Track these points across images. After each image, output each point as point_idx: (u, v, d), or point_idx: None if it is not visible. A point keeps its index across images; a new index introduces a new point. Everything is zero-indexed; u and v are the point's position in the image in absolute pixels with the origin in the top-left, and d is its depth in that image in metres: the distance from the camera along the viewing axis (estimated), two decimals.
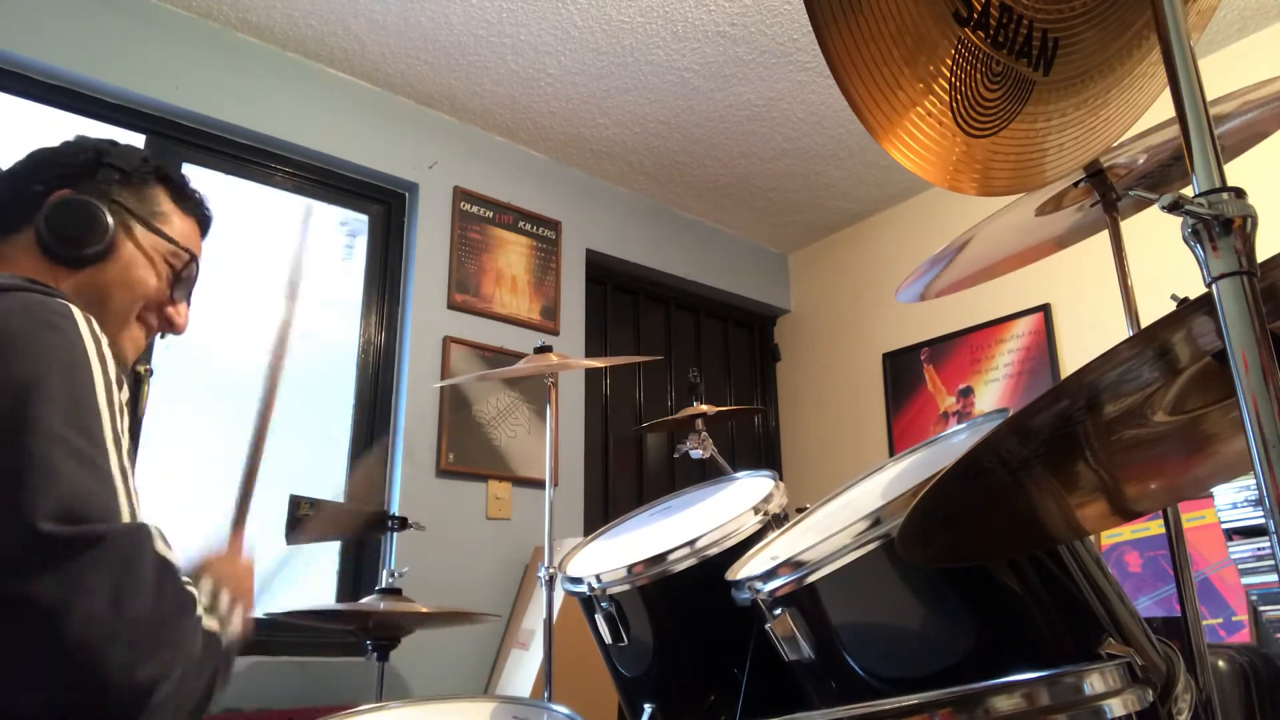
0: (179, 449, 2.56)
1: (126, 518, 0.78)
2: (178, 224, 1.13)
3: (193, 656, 0.78)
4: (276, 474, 2.92)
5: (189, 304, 1.16)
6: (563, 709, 1.41)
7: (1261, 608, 2.11)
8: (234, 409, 2.72)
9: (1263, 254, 0.67)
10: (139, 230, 1.07)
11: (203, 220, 1.18)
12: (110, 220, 1.04)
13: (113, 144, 1.11)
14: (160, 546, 0.79)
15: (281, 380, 1.22)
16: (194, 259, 1.13)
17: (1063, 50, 0.91)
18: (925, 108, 0.87)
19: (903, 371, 3.78)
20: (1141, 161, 1.41)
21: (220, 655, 0.84)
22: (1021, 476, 0.84)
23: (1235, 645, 2.05)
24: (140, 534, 0.77)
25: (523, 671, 2.64)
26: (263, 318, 2.87)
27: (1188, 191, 0.68)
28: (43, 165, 1.06)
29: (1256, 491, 1.55)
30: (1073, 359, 3.25)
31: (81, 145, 1.09)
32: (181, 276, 1.12)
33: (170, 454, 2.50)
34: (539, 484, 3.15)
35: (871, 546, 0.95)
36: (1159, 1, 0.72)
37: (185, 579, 0.82)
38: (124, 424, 0.85)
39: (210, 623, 0.84)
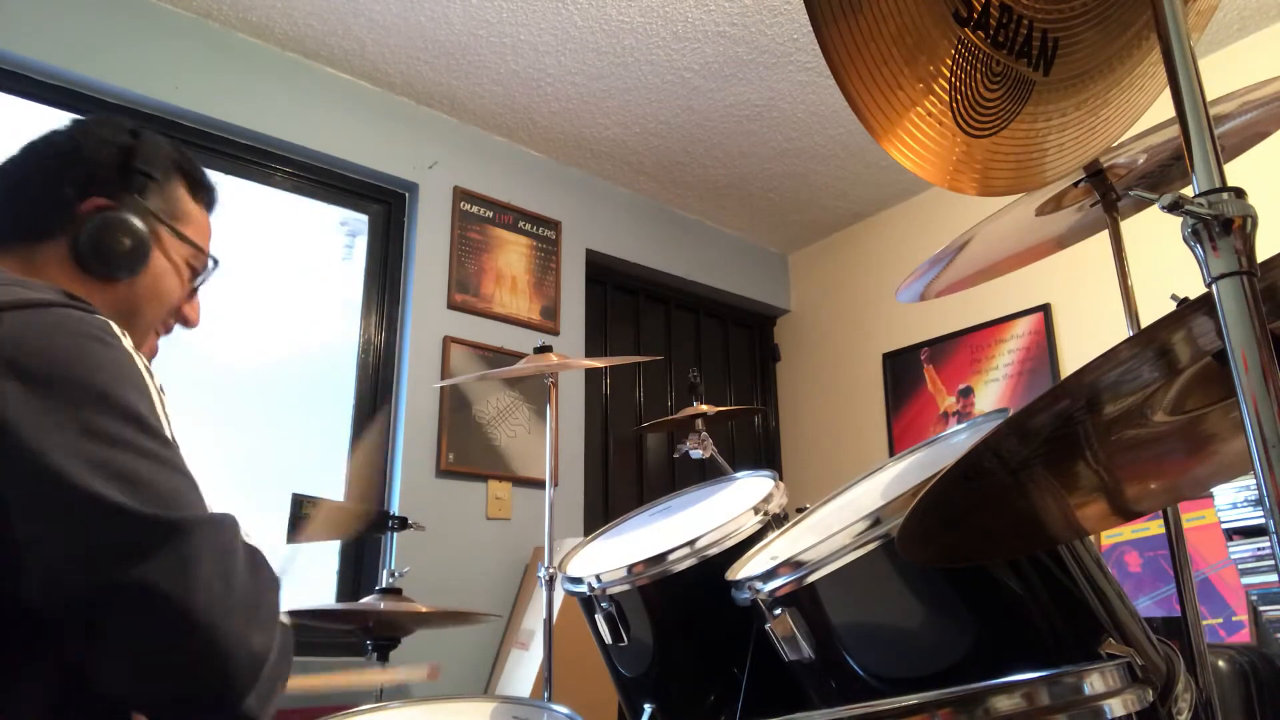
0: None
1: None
2: (196, 218, 1.10)
3: (286, 632, 0.84)
4: (277, 474, 2.94)
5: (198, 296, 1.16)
6: (563, 709, 1.41)
7: (1261, 608, 2.11)
8: (233, 408, 2.72)
9: (1263, 254, 0.67)
10: (166, 238, 1.05)
11: (213, 205, 1.16)
12: (150, 241, 1.02)
13: (135, 137, 1.06)
14: (245, 532, 0.83)
15: None
16: (215, 261, 1.12)
17: (1063, 50, 0.91)
18: (925, 108, 0.87)
19: (903, 371, 3.78)
20: (1141, 161, 1.41)
21: (292, 644, 0.87)
22: (1021, 476, 0.84)
23: (1235, 645, 2.05)
24: (231, 519, 0.82)
25: (523, 671, 2.64)
26: (262, 318, 2.87)
27: (1188, 191, 0.68)
28: (69, 164, 1.02)
29: (1256, 491, 1.55)
30: (1073, 359, 3.25)
31: (104, 139, 1.04)
32: (199, 275, 1.11)
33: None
34: (539, 484, 3.15)
35: (871, 546, 0.95)
36: (1159, 1, 0.72)
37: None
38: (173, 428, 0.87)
39: (284, 618, 0.87)
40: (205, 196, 1.13)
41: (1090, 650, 0.92)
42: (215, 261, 1.11)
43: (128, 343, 0.87)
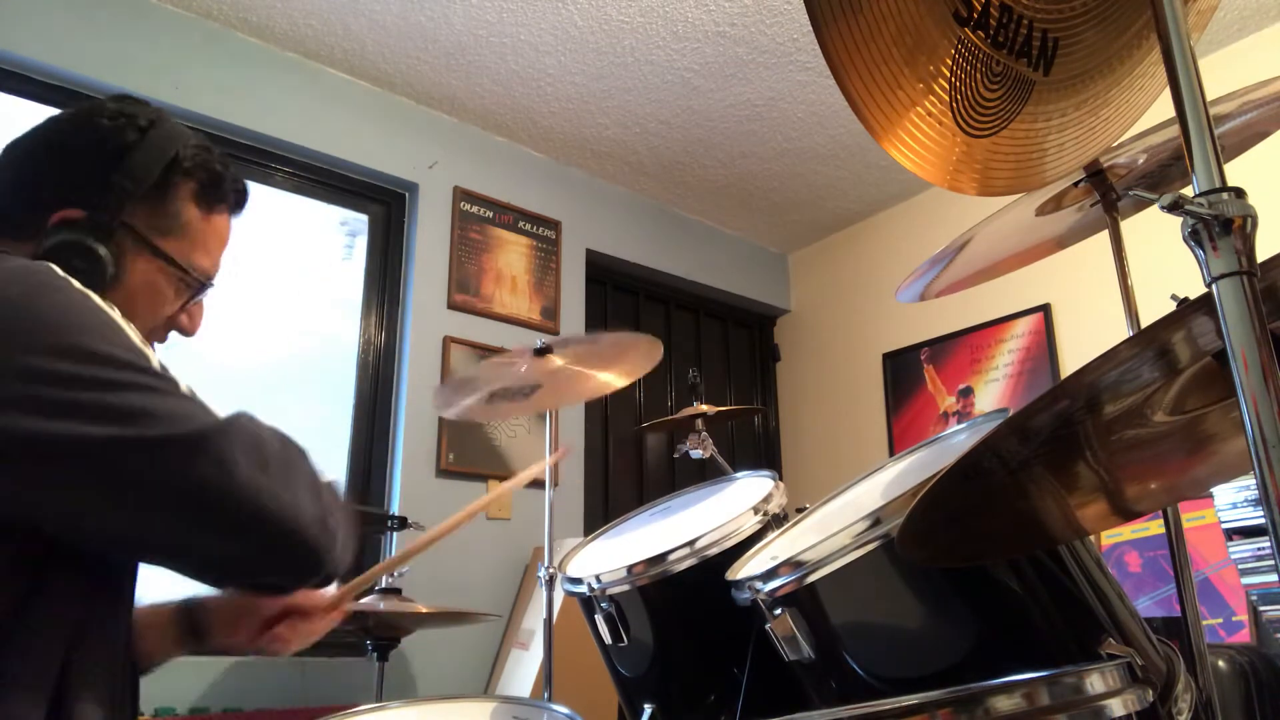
0: None
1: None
2: (196, 228, 1.01)
3: (330, 492, 0.89)
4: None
5: (202, 304, 1.10)
6: (563, 709, 1.41)
7: (1261, 608, 2.11)
8: (233, 408, 2.72)
9: (1263, 254, 0.67)
10: (145, 254, 0.97)
11: (237, 205, 1.08)
12: (110, 264, 0.93)
13: (143, 133, 0.97)
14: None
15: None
16: (204, 285, 1.04)
17: (1063, 50, 0.91)
18: (925, 108, 0.87)
19: (903, 371, 3.78)
20: (1141, 161, 1.41)
21: (342, 498, 0.93)
22: (1021, 476, 0.84)
23: (1235, 645, 2.04)
24: (244, 415, 0.86)
25: (523, 671, 2.64)
26: (262, 318, 2.87)
27: (1188, 191, 0.68)
28: (55, 162, 0.96)
29: (1256, 491, 1.55)
30: (1073, 359, 3.25)
31: (101, 137, 0.96)
32: (193, 288, 1.03)
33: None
34: (539, 484, 3.15)
35: (871, 546, 0.95)
36: (1159, 1, 0.72)
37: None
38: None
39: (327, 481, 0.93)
40: (220, 201, 1.04)
41: (1090, 650, 0.92)
42: (202, 283, 1.03)
43: (78, 283, 0.84)
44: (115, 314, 0.84)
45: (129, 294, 0.96)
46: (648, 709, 1.35)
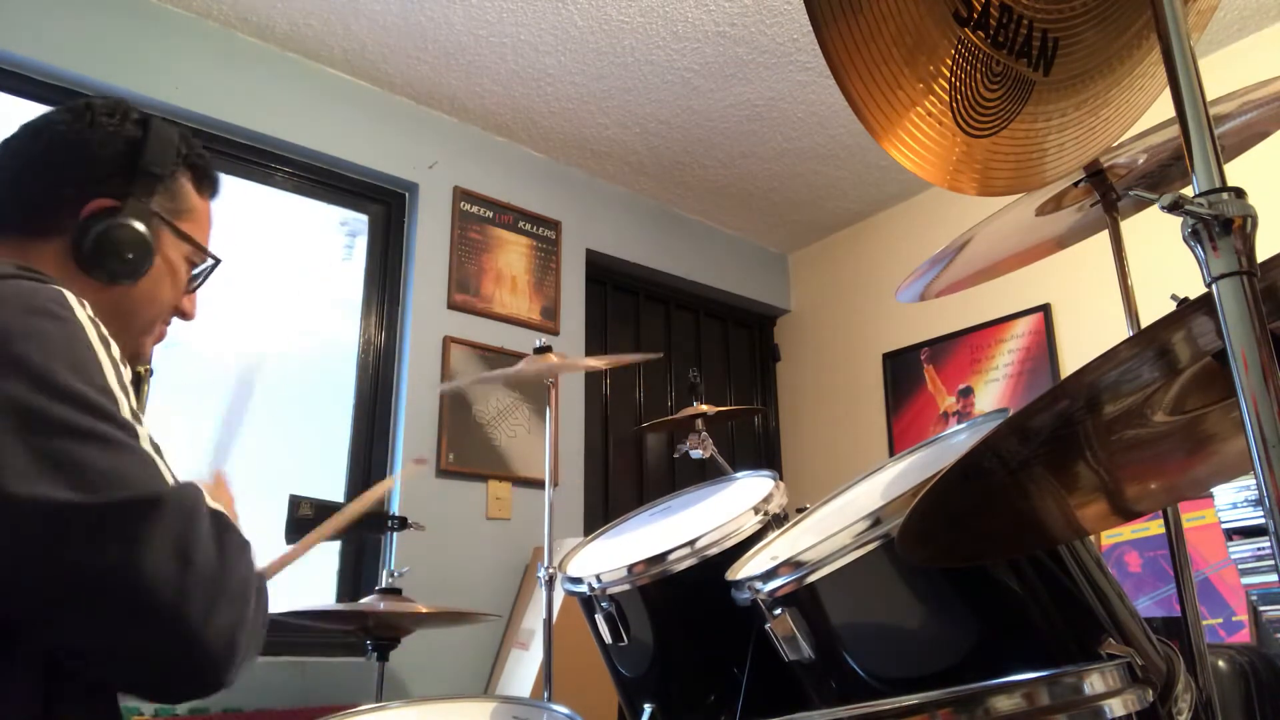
0: (177, 449, 2.56)
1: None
2: (200, 211, 1.08)
3: (257, 596, 0.81)
4: (277, 474, 2.94)
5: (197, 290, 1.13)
6: (563, 709, 1.41)
7: (1261, 608, 2.11)
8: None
9: (1263, 254, 0.67)
10: (168, 238, 1.02)
11: (216, 194, 1.13)
12: (153, 247, 0.99)
13: (144, 128, 1.02)
14: (209, 500, 0.80)
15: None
16: (217, 262, 1.09)
17: (1063, 50, 0.91)
18: (925, 108, 0.87)
19: (903, 371, 3.78)
20: (1141, 161, 1.41)
21: (268, 602, 0.86)
22: (1021, 476, 0.84)
23: (1235, 645, 2.04)
24: (193, 490, 0.78)
25: (523, 671, 2.64)
26: (262, 318, 2.87)
27: (1188, 191, 0.68)
28: (73, 161, 0.98)
29: (1256, 491, 1.55)
30: (1073, 359, 3.25)
31: (110, 134, 1.00)
32: (198, 272, 1.08)
33: (168, 453, 2.50)
34: (539, 484, 3.15)
35: (871, 546, 0.95)
36: (1159, 1, 0.72)
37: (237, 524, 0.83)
38: (136, 402, 0.84)
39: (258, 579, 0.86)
40: (211, 187, 1.10)
41: (1090, 650, 0.92)
42: (216, 260, 1.09)
43: (84, 313, 0.84)
44: (106, 352, 0.82)
45: (153, 281, 1.01)
46: (648, 709, 1.35)
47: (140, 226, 0.98)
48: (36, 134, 0.99)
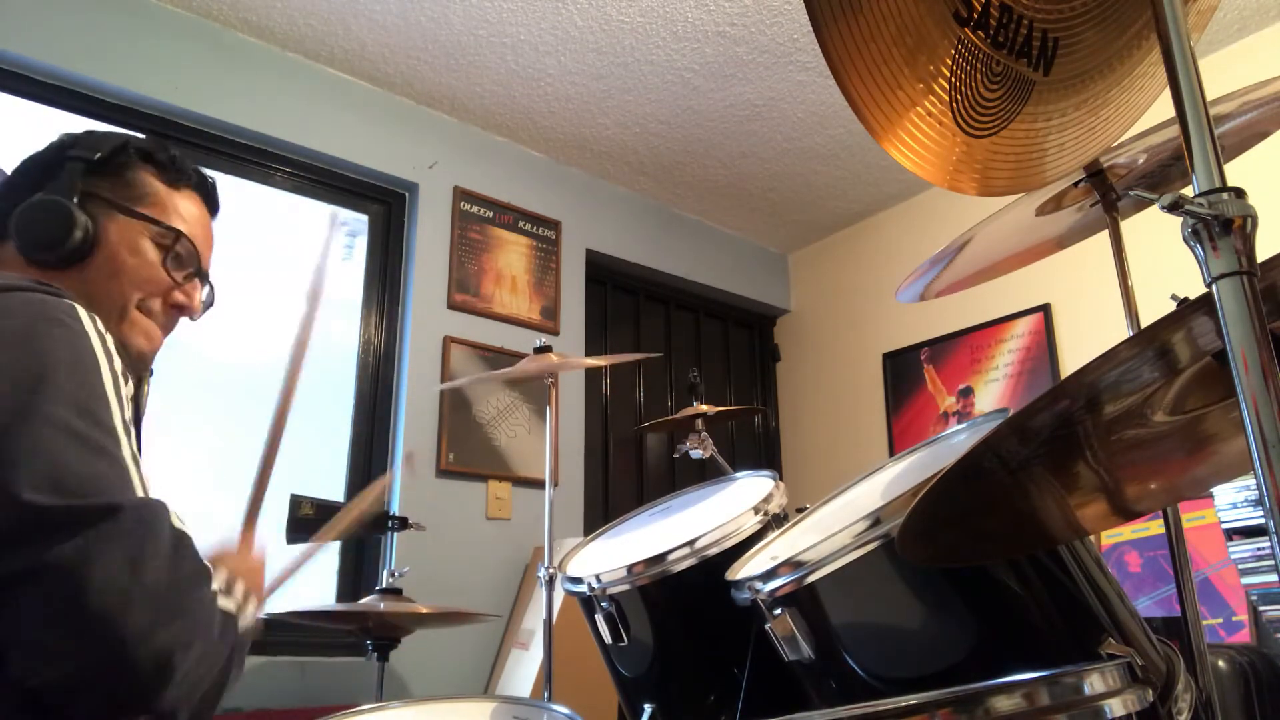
0: (178, 449, 2.56)
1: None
2: (176, 203, 1.08)
3: (211, 630, 0.80)
4: (277, 474, 2.91)
5: (204, 281, 1.14)
6: (563, 709, 1.41)
7: (1261, 608, 2.11)
8: (232, 408, 2.72)
9: (1263, 254, 0.67)
10: (119, 218, 1.03)
11: (206, 196, 1.15)
12: (79, 214, 0.99)
13: (87, 133, 1.07)
14: (175, 521, 0.81)
15: (300, 377, 1.19)
16: (179, 235, 1.07)
17: (1063, 50, 0.91)
18: (925, 108, 0.87)
19: (903, 371, 3.78)
20: (1141, 161, 1.41)
21: (236, 638, 0.85)
22: (1021, 476, 0.84)
23: (1235, 645, 2.04)
24: (157, 507, 0.79)
25: (523, 671, 2.64)
26: (262, 318, 2.87)
27: (1188, 191, 0.68)
28: (22, 170, 1.05)
29: (1256, 491, 1.55)
30: (1073, 359, 3.25)
31: (52, 143, 1.06)
32: (176, 254, 1.07)
33: (170, 454, 2.50)
34: (539, 484, 3.15)
35: (871, 546, 0.95)
36: (1159, 1, 0.72)
37: (200, 554, 0.83)
38: (130, 415, 0.86)
39: (226, 603, 0.84)
40: (186, 181, 1.11)
41: (1090, 650, 0.92)
42: (176, 233, 1.07)
43: (92, 326, 0.86)
44: (109, 364, 0.84)
45: (107, 257, 1.02)
46: (648, 709, 1.35)
47: (58, 199, 0.99)
48: (15, 170, 1.06)
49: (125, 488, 0.78)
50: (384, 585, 2.16)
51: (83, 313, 0.86)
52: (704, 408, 2.42)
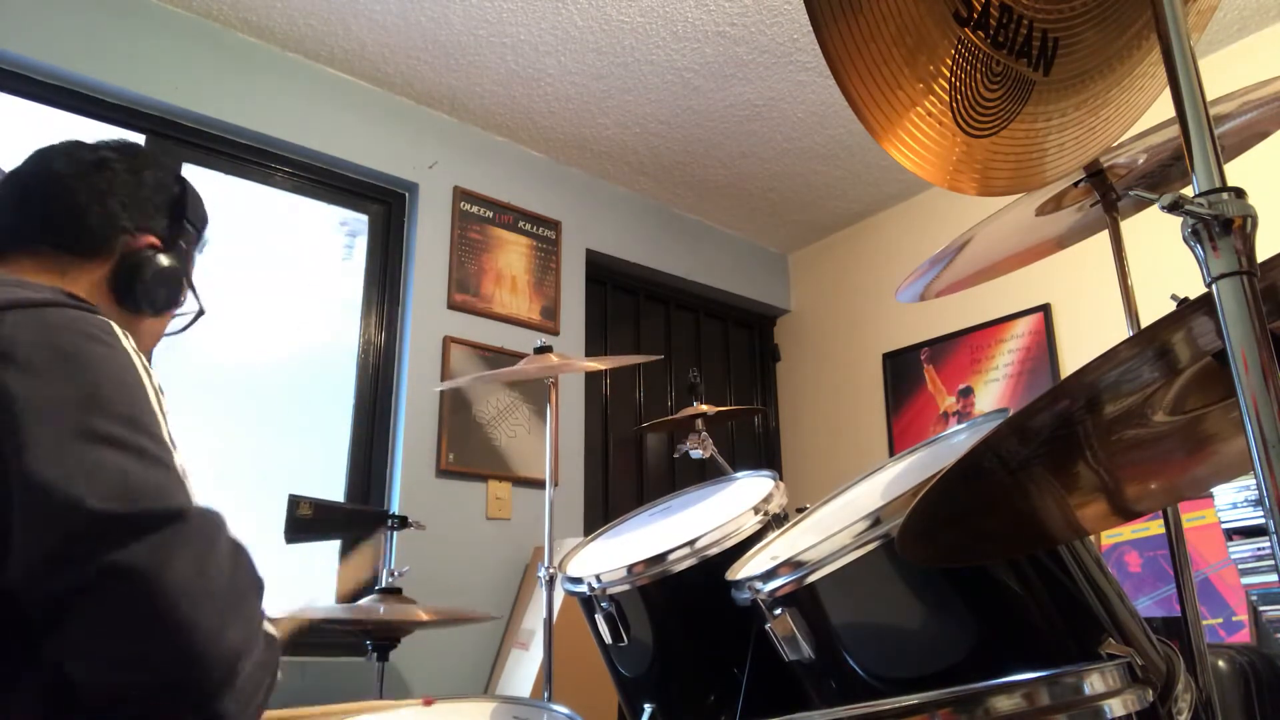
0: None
1: None
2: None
3: (264, 641, 0.83)
4: (277, 474, 2.93)
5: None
6: (563, 709, 1.41)
7: (1261, 608, 2.11)
8: (233, 408, 2.72)
9: (1263, 254, 0.67)
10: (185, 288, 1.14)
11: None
12: (184, 291, 1.11)
13: (182, 188, 1.13)
14: (231, 531, 0.83)
15: None
16: (203, 311, 1.20)
17: (1063, 50, 0.91)
18: (925, 108, 0.87)
19: (903, 371, 3.78)
20: (1141, 161, 1.41)
21: (278, 658, 0.87)
22: (1021, 476, 0.84)
23: (1235, 645, 2.04)
24: (217, 515, 0.82)
25: (523, 671, 2.64)
26: (262, 318, 2.87)
27: (1188, 191, 0.68)
28: (128, 195, 1.06)
29: (1256, 491, 1.55)
30: (1073, 359, 3.25)
31: (163, 180, 1.10)
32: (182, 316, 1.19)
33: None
34: (539, 484, 3.15)
35: (871, 546, 0.95)
36: (1159, 1, 0.72)
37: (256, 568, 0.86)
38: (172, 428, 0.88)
39: (269, 628, 0.87)
40: (200, 247, 1.20)
41: (1090, 650, 0.92)
42: (202, 312, 1.19)
43: (128, 343, 0.88)
44: (149, 379, 0.87)
45: (167, 319, 1.13)
46: (648, 709, 1.35)
47: (190, 282, 1.11)
48: (99, 165, 1.06)
49: (186, 497, 0.80)
50: (384, 585, 2.16)
51: (117, 329, 0.88)
52: (704, 408, 2.42)
